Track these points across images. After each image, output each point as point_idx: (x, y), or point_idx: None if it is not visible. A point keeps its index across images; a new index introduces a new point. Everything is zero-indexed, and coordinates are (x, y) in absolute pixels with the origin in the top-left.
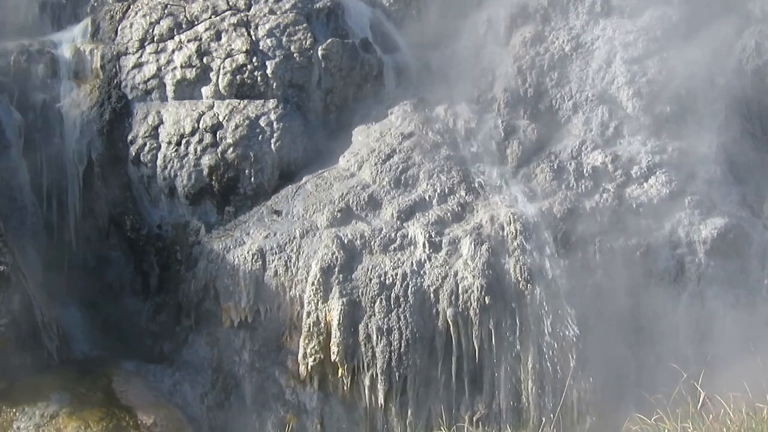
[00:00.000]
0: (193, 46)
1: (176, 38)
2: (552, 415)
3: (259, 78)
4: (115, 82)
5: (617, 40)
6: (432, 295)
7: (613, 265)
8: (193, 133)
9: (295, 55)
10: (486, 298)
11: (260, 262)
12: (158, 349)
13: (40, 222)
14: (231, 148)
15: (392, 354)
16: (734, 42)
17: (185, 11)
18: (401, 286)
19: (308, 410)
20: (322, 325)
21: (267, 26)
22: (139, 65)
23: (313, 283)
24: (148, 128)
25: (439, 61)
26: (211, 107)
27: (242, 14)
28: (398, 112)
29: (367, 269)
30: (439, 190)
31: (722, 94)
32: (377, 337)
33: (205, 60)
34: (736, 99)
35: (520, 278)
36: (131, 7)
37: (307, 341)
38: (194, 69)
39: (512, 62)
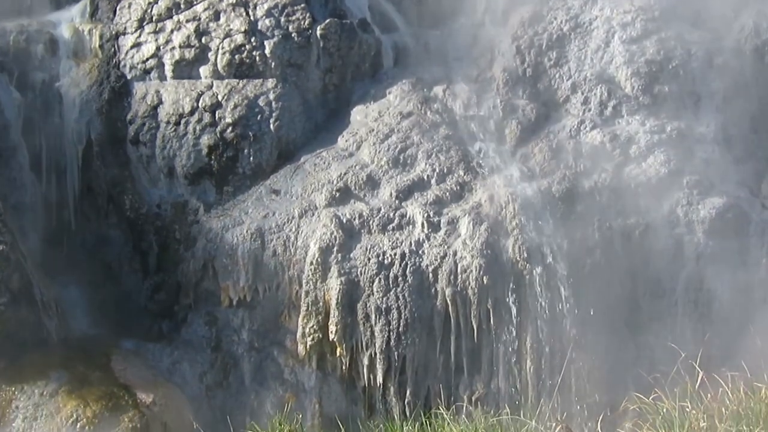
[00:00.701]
0: (191, 26)
1: (175, 18)
2: (550, 394)
3: (257, 58)
4: (114, 61)
5: (615, 20)
6: (430, 274)
7: (612, 245)
8: (192, 113)
9: (293, 35)
10: (484, 277)
11: (259, 242)
12: (157, 328)
13: (39, 201)
14: (230, 128)
15: (391, 333)
16: (732, 22)
17: None
18: (400, 265)
19: (307, 389)
20: (321, 304)
21: (265, 6)
22: (137, 45)
23: (311, 263)
24: (147, 108)
25: (438, 40)
26: (210, 87)
27: None
28: (397, 91)
29: (366, 249)
30: (437, 170)
31: (720, 74)
32: (376, 316)
33: (203, 40)
34: (735, 79)
35: (518, 258)
36: None
37: (305, 320)
38: (193, 49)
39: (510, 42)
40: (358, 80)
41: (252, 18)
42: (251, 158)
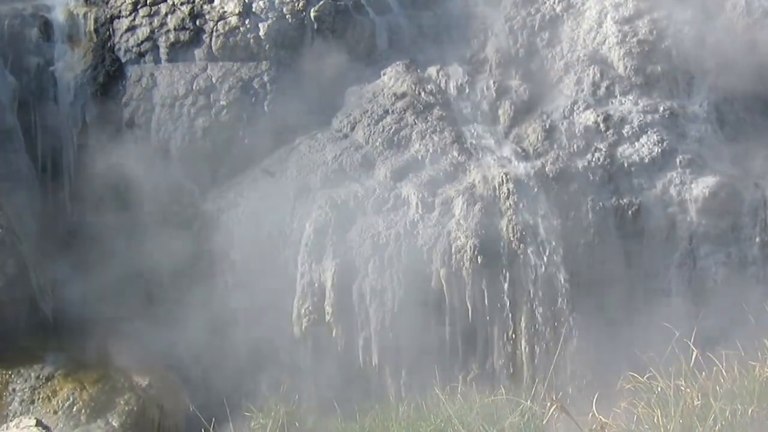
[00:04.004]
0: (186, 9)
1: (169, 1)
2: (545, 374)
3: (252, 40)
4: (109, 45)
5: (608, 0)
6: (425, 255)
7: (605, 225)
8: (186, 96)
9: (287, 17)
10: (479, 257)
11: (254, 223)
12: (153, 311)
13: (35, 185)
14: (224, 110)
15: (386, 314)
16: (724, 1)
17: None
18: (394, 246)
19: (302, 371)
20: (316, 285)
21: None
22: (132, 28)
23: (306, 244)
24: (142, 91)
25: (431, 21)
26: (204, 69)
27: None
28: (391, 73)
29: (361, 230)
30: (431, 151)
31: (713, 53)
32: (371, 297)
33: (198, 23)
34: (727, 58)
35: (512, 238)
36: None
37: (301, 302)
38: (187, 32)
39: (504, 23)
40: (353, 62)
41: (246, 0)
42: (246, 140)
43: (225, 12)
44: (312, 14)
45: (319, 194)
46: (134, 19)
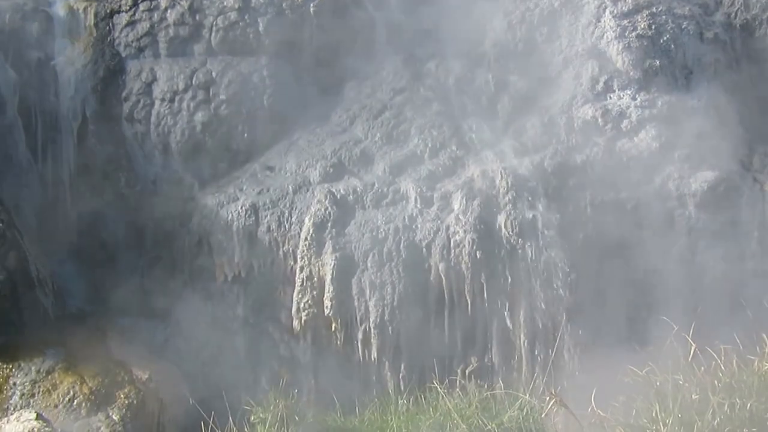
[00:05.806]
0: (185, 4)
1: None
2: (544, 368)
3: (251, 35)
4: (109, 39)
5: None
6: (424, 249)
7: (604, 219)
8: (186, 90)
9: (287, 12)
10: (477, 252)
11: (253, 218)
12: (153, 305)
13: (35, 179)
14: (224, 105)
15: (385, 308)
16: None
17: None
18: (393, 240)
19: (302, 364)
20: (316, 279)
21: None
22: (132, 23)
23: (306, 238)
24: (142, 85)
25: (430, 16)
26: (204, 64)
27: None
28: (390, 67)
29: (360, 224)
30: (430, 145)
31: (711, 48)
32: (370, 291)
33: (197, 17)
34: (725, 53)
35: (511, 232)
36: None
37: (300, 296)
38: (187, 26)
39: (502, 17)
40: (352, 56)
41: None
42: (245, 134)
43: (225, 7)
44: (311, 9)
45: (318, 188)
46: (134, 14)
